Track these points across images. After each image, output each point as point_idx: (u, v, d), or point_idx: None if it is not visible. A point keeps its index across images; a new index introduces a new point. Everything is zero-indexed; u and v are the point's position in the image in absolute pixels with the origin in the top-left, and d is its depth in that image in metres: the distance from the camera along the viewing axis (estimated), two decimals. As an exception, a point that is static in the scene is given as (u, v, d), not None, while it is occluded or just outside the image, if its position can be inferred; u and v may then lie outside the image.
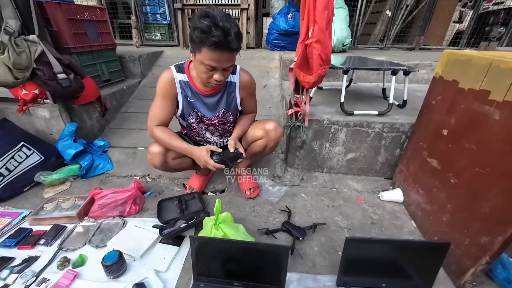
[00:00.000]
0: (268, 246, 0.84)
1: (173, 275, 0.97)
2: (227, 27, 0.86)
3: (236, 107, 1.23)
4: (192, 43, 0.93)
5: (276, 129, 1.21)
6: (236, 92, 1.19)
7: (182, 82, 1.11)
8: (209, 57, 0.91)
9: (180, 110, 1.17)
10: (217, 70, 0.97)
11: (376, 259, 0.89)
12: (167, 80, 1.09)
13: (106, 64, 2.11)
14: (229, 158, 1.11)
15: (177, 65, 1.12)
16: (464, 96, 0.96)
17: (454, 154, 1.00)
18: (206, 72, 0.97)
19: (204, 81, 1.04)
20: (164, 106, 1.13)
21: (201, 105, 1.17)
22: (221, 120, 1.22)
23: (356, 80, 2.43)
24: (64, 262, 0.99)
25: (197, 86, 1.12)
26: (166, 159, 1.19)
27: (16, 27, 1.22)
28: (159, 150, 1.16)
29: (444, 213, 1.04)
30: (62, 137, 1.58)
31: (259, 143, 1.25)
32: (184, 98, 1.14)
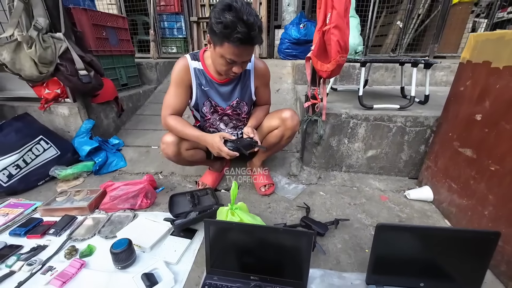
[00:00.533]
0: (290, 232, 0.76)
1: (185, 268, 0.89)
2: (251, 21, 0.83)
3: (250, 97, 1.20)
4: (212, 35, 0.91)
5: (293, 117, 1.17)
6: (251, 81, 1.17)
7: (196, 70, 1.10)
8: (231, 51, 0.90)
9: (194, 99, 1.15)
10: (237, 64, 0.96)
11: (412, 253, 0.78)
12: (182, 67, 1.08)
13: (125, 69, 2.19)
14: (244, 145, 1.05)
15: (192, 53, 1.12)
16: (500, 75, 0.89)
17: (492, 139, 0.91)
18: (225, 65, 0.96)
19: (222, 72, 1.02)
20: (178, 94, 1.11)
21: (215, 94, 1.15)
22: (235, 109, 1.20)
23: (371, 84, 2.38)
24: (71, 251, 0.94)
25: (211, 74, 1.11)
26: (180, 149, 1.16)
27: (44, 24, 1.28)
28: (173, 140, 1.13)
29: (486, 206, 0.92)
30: (79, 134, 1.60)
31: (275, 133, 1.20)
32: (198, 86, 1.12)
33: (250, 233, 0.80)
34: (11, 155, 1.28)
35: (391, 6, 3.93)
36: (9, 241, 1.00)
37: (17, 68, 1.28)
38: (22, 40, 1.22)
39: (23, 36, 1.21)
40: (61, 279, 0.81)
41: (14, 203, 1.23)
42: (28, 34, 1.22)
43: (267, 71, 1.20)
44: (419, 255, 0.78)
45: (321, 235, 1.03)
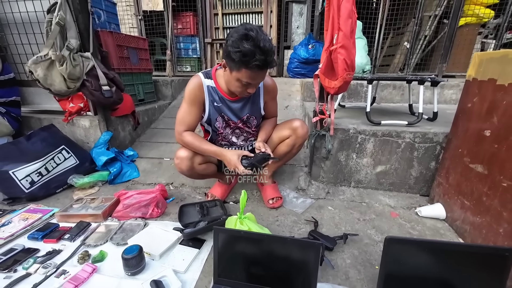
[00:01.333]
0: (297, 242, 0.77)
1: (192, 277, 0.90)
2: (267, 48, 0.90)
3: (259, 112, 1.26)
4: (229, 61, 0.96)
5: (303, 126, 1.23)
6: (260, 97, 1.23)
7: (210, 87, 1.15)
8: (249, 76, 0.96)
9: (207, 115, 1.20)
10: (251, 85, 1.02)
11: (423, 269, 0.76)
12: (196, 85, 1.13)
13: (143, 85, 2.33)
14: (258, 160, 1.10)
15: (205, 72, 1.16)
16: (506, 92, 0.91)
17: (503, 155, 0.91)
18: (241, 87, 1.02)
19: (236, 93, 1.09)
20: (192, 111, 1.15)
21: (227, 110, 1.20)
22: (245, 123, 1.26)
23: (379, 101, 2.42)
24: (84, 256, 0.97)
25: (223, 91, 1.16)
26: (193, 163, 1.20)
27: (76, 45, 1.42)
28: (187, 155, 1.18)
29: (500, 224, 0.90)
30: (97, 144, 1.69)
31: (286, 142, 1.25)
32: (211, 103, 1.17)
33: (258, 242, 0.80)
34: (35, 163, 1.37)
35: (397, 28, 4.05)
36: (27, 245, 1.04)
37: (48, 83, 1.40)
38: (55, 58, 1.35)
39: (57, 55, 1.35)
40: (73, 282, 0.84)
41: (33, 208, 1.29)
42: (61, 53, 1.36)
43: (275, 87, 1.26)
44: (430, 272, 0.76)
45: (329, 249, 1.02)
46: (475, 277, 0.73)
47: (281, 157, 1.31)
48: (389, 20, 3.46)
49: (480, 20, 3.43)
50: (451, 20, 3.25)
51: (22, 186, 1.32)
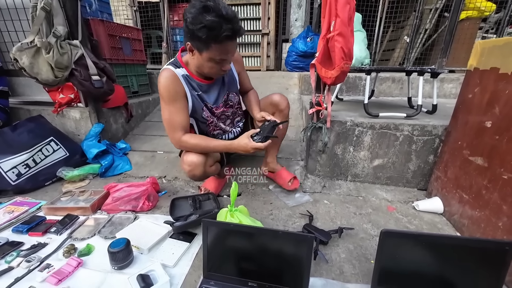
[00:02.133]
0: (289, 235, 0.74)
1: (181, 271, 0.87)
2: (231, 15, 0.82)
3: (236, 86, 1.22)
4: (195, 41, 0.87)
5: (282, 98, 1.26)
6: (233, 69, 1.18)
7: (185, 76, 1.04)
8: (221, 51, 0.88)
9: (191, 107, 1.09)
10: (226, 61, 0.94)
11: (419, 263, 0.73)
12: (171, 79, 1.00)
13: (136, 77, 2.27)
14: (268, 130, 1.03)
15: (171, 63, 1.05)
16: (508, 81, 0.87)
17: (504, 146, 0.88)
18: (215, 67, 0.94)
19: (211, 75, 1.02)
20: (179, 109, 1.03)
21: (207, 96, 1.12)
22: (226, 103, 1.20)
23: (378, 95, 2.38)
24: (70, 250, 0.93)
25: (197, 77, 1.06)
26: (206, 168, 1.13)
27: (63, 32, 1.37)
28: (201, 160, 1.08)
29: (500, 217, 0.87)
30: (88, 137, 1.64)
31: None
32: (191, 92, 1.06)
33: (249, 235, 0.77)
34: (22, 154, 1.33)
35: (398, 21, 3.98)
36: (11, 238, 1.01)
37: (35, 72, 1.35)
38: (41, 46, 1.29)
39: (43, 42, 1.29)
40: (57, 276, 0.81)
41: (20, 201, 1.26)
42: (47, 40, 1.30)
43: (239, 55, 1.22)
44: (427, 266, 0.73)
45: (323, 243, 0.99)
46: (473, 271, 0.71)
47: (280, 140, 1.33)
48: (389, 13, 3.40)
49: (481, 14, 3.37)
50: (452, 13, 3.19)
51: (8, 178, 1.28)
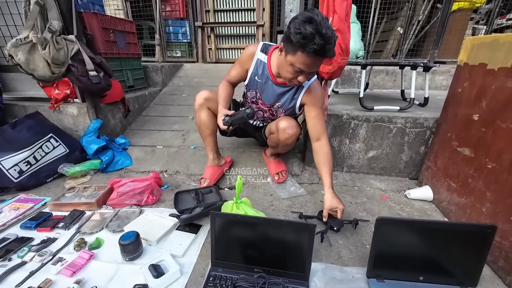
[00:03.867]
0: (293, 224, 0.79)
1: (190, 260, 0.92)
2: (329, 35, 0.86)
3: (292, 109, 1.23)
4: (287, 43, 0.93)
5: (285, 130, 1.19)
6: (301, 94, 1.17)
7: (259, 61, 1.17)
8: (303, 61, 0.92)
9: (247, 81, 1.26)
10: (304, 73, 0.97)
11: (410, 247, 0.80)
12: (249, 53, 1.19)
13: (132, 71, 2.25)
14: (236, 119, 1.09)
15: (264, 45, 1.16)
16: (495, 76, 0.93)
17: (489, 138, 0.94)
18: (292, 73, 0.98)
19: (285, 78, 1.05)
20: (236, 69, 1.25)
21: (264, 89, 1.21)
22: (271, 110, 1.29)
23: (372, 87, 2.43)
24: (81, 244, 0.97)
25: (271, 71, 1.15)
26: (205, 104, 1.30)
27: (58, 27, 1.34)
28: (207, 95, 1.29)
29: (483, 203, 0.95)
30: (87, 133, 1.64)
31: (272, 136, 1.30)
32: (253, 74, 1.21)
33: (254, 225, 0.82)
34: (23, 152, 1.33)
35: (391, 12, 3.99)
36: (20, 234, 1.03)
37: (31, 68, 1.33)
38: (36, 41, 1.27)
39: (38, 37, 1.27)
40: (71, 268, 0.84)
41: (24, 198, 1.27)
42: (43, 36, 1.28)
43: (320, 94, 1.17)
44: (418, 249, 0.80)
45: (334, 230, 1.05)
46: (459, 252, 0.78)
47: (274, 147, 1.38)
48: (383, 4, 3.40)
49: (472, 5, 3.42)
50: (444, 4, 3.23)
51: (10, 176, 1.29)
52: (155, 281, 0.79)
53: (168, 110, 2.34)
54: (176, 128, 2.05)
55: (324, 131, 1.18)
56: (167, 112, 2.31)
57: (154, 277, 0.80)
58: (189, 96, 2.58)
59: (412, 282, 0.81)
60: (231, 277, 0.82)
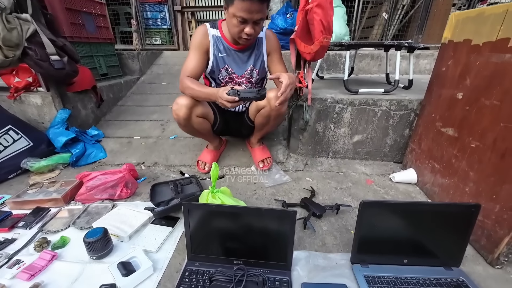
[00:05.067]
0: (273, 212, 0.74)
1: (165, 255, 0.85)
2: None
3: (262, 63, 1.25)
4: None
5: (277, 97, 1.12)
6: (263, 47, 1.23)
7: (215, 37, 1.18)
8: (241, 7, 0.95)
9: (210, 65, 1.21)
10: (247, 23, 1.01)
11: (394, 230, 0.78)
12: (201, 33, 1.16)
13: (104, 58, 2.08)
14: (246, 91, 0.97)
15: (211, 22, 1.19)
16: (480, 52, 0.89)
17: (473, 117, 0.92)
18: (237, 26, 1.02)
19: (235, 36, 1.08)
20: (196, 59, 1.17)
21: (232, 61, 1.21)
22: (248, 77, 1.26)
23: (357, 72, 2.39)
24: (42, 244, 0.88)
25: (228, 41, 1.17)
26: (191, 113, 1.16)
27: (8, 4, 1.18)
28: (187, 103, 1.13)
29: (467, 183, 0.93)
30: (54, 124, 1.50)
31: (262, 112, 1.20)
32: (215, 52, 1.18)
33: (232, 215, 0.76)
34: (-25, 146, 1.19)
35: (376, -3, 3.94)
36: (-28, 236, 0.92)
37: (-21, 51, 1.18)
38: (-18, 20, 1.12)
39: (-16, 15, 1.11)
40: (29, 272, 0.76)
41: (-20, 197, 1.15)
42: (-11, 13, 1.12)
43: (276, 39, 1.26)
44: (402, 231, 0.78)
45: (316, 216, 1.02)
46: (443, 233, 0.76)
47: (261, 127, 1.31)
48: (368, -12, 3.34)
49: (455, -11, 3.41)
50: (428, -12, 3.21)
51: (-38, 173, 1.16)
52: (124, 280, 0.72)
53: (146, 100, 2.21)
54: (154, 118, 1.93)
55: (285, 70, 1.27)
56: (145, 102, 2.18)
57: (123, 276, 0.73)
58: (169, 85, 2.45)
59: (397, 265, 0.79)
60: (208, 270, 0.77)
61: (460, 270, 0.78)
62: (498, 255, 0.79)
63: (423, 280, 0.74)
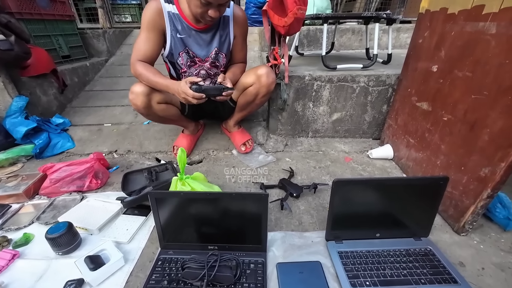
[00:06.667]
0: (244, 196, 0.72)
1: (138, 245, 0.82)
2: None
3: (229, 46, 1.13)
4: None
5: (268, 74, 1.10)
6: (230, 29, 1.10)
7: (171, 14, 1.00)
8: None
9: (168, 49, 1.05)
10: (212, 6, 0.88)
11: (367, 206, 0.78)
12: (154, 10, 0.97)
13: (63, 37, 1.88)
14: (210, 88, 0.96)
15: None
16: (455, 21, 0.86)
17: (446, 89, 0.91)
18: (200, 7, 0.88)
19: (197, 16, 0.94)
20: (150, 40, 1.00)
21: (193, 42, 1.06)
22: (213, 61, 1.12)
23: (338, 48, 2.33)
24: (2, 242, 0.82)
25: (188, 19, 1.01)
26: (150, 101, 1.05)
27: None
28: (143, 90, 1.02)
29: (438, 156, 0.95)
30: (10, 113, 1.37)
31: (249, 90, 1.14)
32: (173, 32, 1.02)
33: (203, 201, 0.73)
34: None
35: (359, -33, 3.78)
36: None
37: None
38: None
39: None
40: (-13, 273, 0.71)
41: None
42: None
43: (245, 20, 1.13)
44: (374, 207, 0.78)
45: (294, 196, 1.02)
46: (413, 206, 0.78)
47: (244, 106, 1.23)
48: (351, -43, 3.18)
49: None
50: (410, -43, 3.09)
51: None
52: (92, 274, 0.69)
53: (116, 83, 2.06)
54: (126, 103, 1.81)
55: (246, 59, 1.25)
56: (115, 85, 2.03)
57: (90, 270, 0.70)
58: (142, 66, 2.28)
59: (369, 240, 0.81)
60: (182, 258, 0.75)
61: (428, 239, 0.81)
62: (464, 224, 0.82)
63: (393, 251, 0.77)
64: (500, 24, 0.70)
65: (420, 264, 0.73)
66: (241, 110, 1.28)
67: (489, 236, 0.85)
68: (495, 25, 0.71)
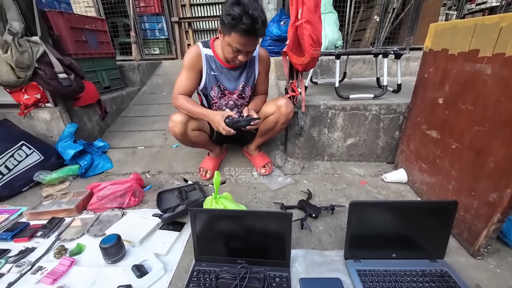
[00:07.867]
0: (270, 214, 0.81)
1: (174, 258, 0.93)
2: (255, 15, 0.96)
3: (254, 81, 1.33)
4: (222, 26, 1.03)
5: (287, 105, 1.25)
6: (256, 66, 1.30)
7: (207, 56, 1.22)
8: (237, 41, 1.02)
9: (203, 84, 1.26)
10: (242, 52, 1.08)
11: (383, 227, 0.85)
12: (194, 54, 1.20)
13: (106, 71, 2.17)
14: (242, 119, 1.14)
15: (203, 42, 1.23)
16: (455, 60, 0.98)
17: (452, 119, 1.00)
18: (232, 53, 1.09)
19: (228, 58, 1.14)
20: (189, 78, 1.22)
21: (224, 78, 1.26)
22: (240, 94, 1.32)
23: (350, 76, 2.48)
24: (61, 251, 0.95)
25: (221, 60, 1.22)
26: (187, 128, 1.23)
27: (19, 28, 1.27)
28: (181, 119, 1.21)
29: (450, 181, 1.01)
30: (62, 138, 1.59)
31: (270, 118, 1.29)
32: (208, 70, 1.23)
33: (234, 218, 0.84)
34: (-8, 162, 1.27)
35: (367, 1, 4.06)
36: (-5, 246, 1.00)
37: (-6, 73, 1.26)
38: (-3, 45, 1.21)
39: (-2, 41, 1.20)
40: (51, 276, 0.83)
41: (-2, 209, 1.22)
42: (3, 38, 1.21)
43: (268, 58, 1.33)
44: (390, 228, 0.85)
45: (312, 217, 1.10)
46: (427, 228, 0.84)
47: (265, 132, 1.38)
48: (359, -7, 3.45)
49: (443, -9, 3.52)
50: (416, -9, 3.31)
51: (-19, 188, 1.23)
52: (138, 281, 0.80)
53: (148, 110, 2.30)
54: (157, 128, 2.01)
55: (267, 91, 1.43)
56: (147, 112, 2.26)
57: (137, 277, 0.81)
58: (169, 95, 2.53)
59: (386, 259, 0.86)
60: (215, 270, 0.84)
61: (444, 261, 0.85)
62: (479, 247, 0.86)
63: (410, 272, 0.82)
64: (494, 67, 0.81)
65: (436, 284, 0.77)
66: (262, 135, 1.42)
67: (506, 261, 0.88)
68: (489, 67, 0.82)
